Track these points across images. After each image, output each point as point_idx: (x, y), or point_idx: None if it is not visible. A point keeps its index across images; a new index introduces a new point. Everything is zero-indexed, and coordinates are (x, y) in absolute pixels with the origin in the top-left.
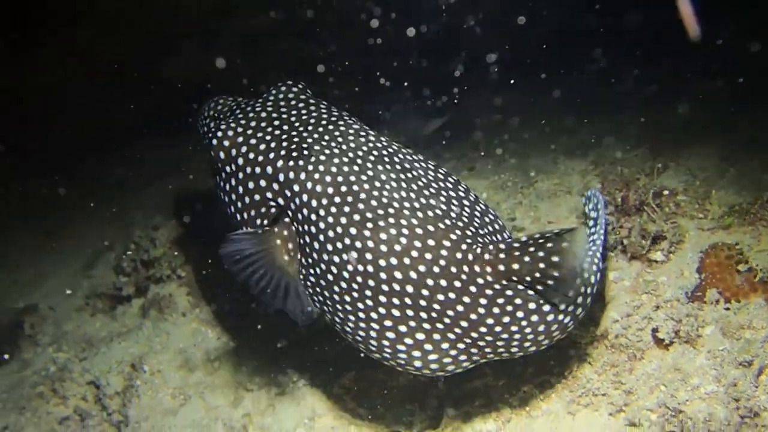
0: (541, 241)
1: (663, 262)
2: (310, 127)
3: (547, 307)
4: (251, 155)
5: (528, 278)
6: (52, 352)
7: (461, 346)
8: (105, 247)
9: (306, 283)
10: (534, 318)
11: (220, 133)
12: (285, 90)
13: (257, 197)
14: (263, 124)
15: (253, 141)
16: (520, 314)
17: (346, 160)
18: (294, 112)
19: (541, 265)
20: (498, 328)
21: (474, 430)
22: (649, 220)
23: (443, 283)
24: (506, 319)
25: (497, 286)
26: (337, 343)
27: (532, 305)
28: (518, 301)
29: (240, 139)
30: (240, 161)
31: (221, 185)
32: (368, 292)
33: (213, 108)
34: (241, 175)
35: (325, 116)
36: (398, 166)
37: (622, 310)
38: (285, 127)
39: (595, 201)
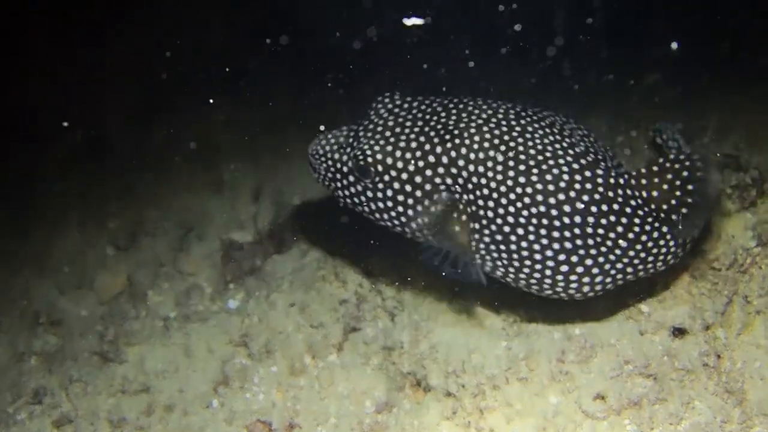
0: (677, 167)
1: None
2: (443, 114)
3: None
4: (408, 155)
5: (665, 206)
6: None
7: (620, 265)
8: None
9: (479, 246)
10: (669, 236)
11: (368, 151)
12: (389, 101)
13: (428, 186)
14: (398, 129)
15: (402, 144)
16: (665, 229)
17: (492, 125)
18: (415, 111)
19: (678, 194)
20: (650, 244)
21: None
22: None
23: (605, 208)
24: (656, 234)
25: (646, 208)
26: None
27: (665, 228)
28: (662, 217)
29: (389, 147)
30: (400, 164)
31: (380, 196)
32: (543, 231)
33: (324, 145)
34: (405, 175)
35: (445, 103)
36: (534, 117)
37: None
38: (420, 123)
39: (670, 131)
